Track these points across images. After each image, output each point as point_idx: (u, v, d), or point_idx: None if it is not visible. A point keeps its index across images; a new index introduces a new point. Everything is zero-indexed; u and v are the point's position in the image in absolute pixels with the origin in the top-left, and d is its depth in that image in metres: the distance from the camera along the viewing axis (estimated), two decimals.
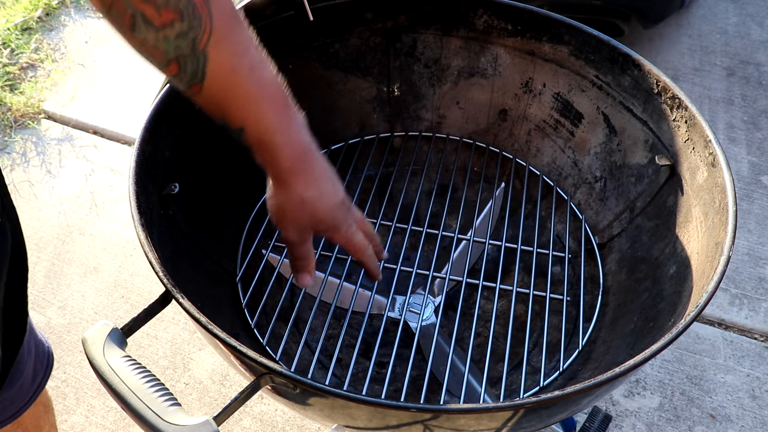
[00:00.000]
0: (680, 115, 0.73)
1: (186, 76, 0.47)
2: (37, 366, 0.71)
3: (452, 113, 0.96)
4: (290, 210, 0.57)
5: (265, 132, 0.51)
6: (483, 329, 0.87)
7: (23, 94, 1.74)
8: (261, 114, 0.50)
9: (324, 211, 0.58)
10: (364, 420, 0.53)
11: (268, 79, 0.50)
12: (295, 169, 0.55)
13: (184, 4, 0.43)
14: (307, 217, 0.57)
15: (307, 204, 0.56)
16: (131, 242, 1.42)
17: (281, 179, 0.55)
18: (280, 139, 0.52)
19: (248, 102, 0.49)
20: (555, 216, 0.89)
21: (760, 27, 2.04)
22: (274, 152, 0.53)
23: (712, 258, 0.61)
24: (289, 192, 0.56)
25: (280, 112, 0.52)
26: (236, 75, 0.48)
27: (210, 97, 0.48)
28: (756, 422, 1.14)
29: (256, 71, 0.49)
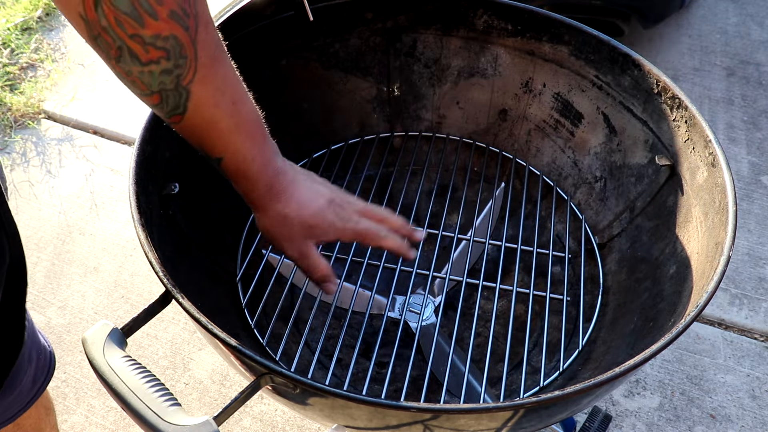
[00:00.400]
0: (680, 115, 0.73)
1: (167, 108, 0.48)
2: (37, 373, 0.71)
3: (452, 113, 0.96)
4: (277, 229, 0.58)
5: (243, 161, 0.53)
6: (483, 329, 0.87)
7: (23, 94, 1.74)
8: (239, 145, 0.52)
9: (311, 217, 0.58)
10: (364, 420, 0.53)
11: (248, 112, 0.52)
12: (271, 192, 0.56)
13: (171, 43, 0.43)
14: (296, 230, 0.58)
15: (289, 219, 0.57)
16: (131, 242, 1.42)
17: (260, 204, 0.57)
18: (256, 167, 0.54)
19: (229, 134, 0.51)
20: (555, 216, 0.89)
21: (760, 27, 2.04)
22: (251, 180, 0.54)
23: (712, 258, 0.61)
24: (270, 213, 0.57)
25: (258, 141, 0.53)
26: (218, 109, 0.49)
27: (190, 128, 0.50)
28: (756, 422, 1.14)
29: (237, 105, 0.50)
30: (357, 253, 0.82)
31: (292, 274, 0.79)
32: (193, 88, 0.46)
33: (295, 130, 0.91)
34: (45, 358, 0.73)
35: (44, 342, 0.74)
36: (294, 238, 0.59)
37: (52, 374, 0.75)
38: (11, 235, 0.56)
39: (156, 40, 0.42)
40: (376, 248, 0.65)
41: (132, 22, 0.41)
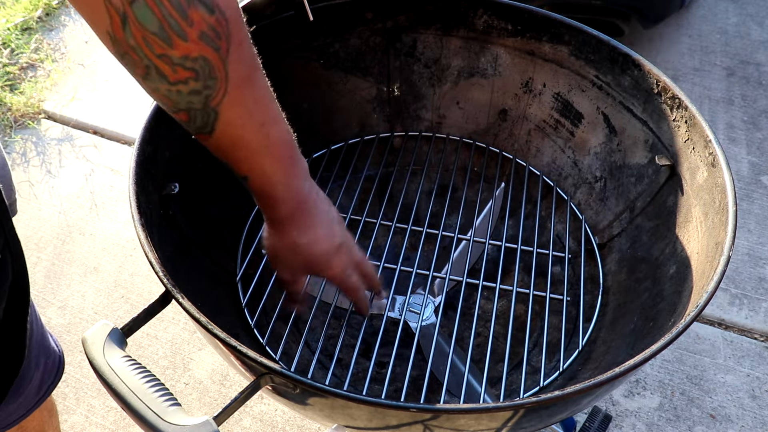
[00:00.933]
0: (680, 115, 0.73)
1: (194, 126, 0.47)
2: (44, 377, 0.71)
3: (452, 113, 0.96)
4: (284, 254, 0.60)
5: (268, 184, 0.53)
6: (483, 329, 0.87)
7: (23, 94, 1.74)
8: (266, 167, 0.52)
9: (318, 255, 0.60)
10: (364, 420, 0.53)
11: (277, 134, 0.51)
12: (291, 217, 0.57)
13: (200, 64, 0.42)
14: (300, 260, 0.60)
15: (300, 249, 0.59)
16: (131, 242, 1.42)
17: (277, 225, 0.58)
18: (281, 190, 0.54)
19: (255, 155, 0.50)
20: (555, 216, 0.89)
21: (760, 27, 2.04)
22: (274, 202, 0.55)
23: (712, 258, 0.61)
24: (284, 237, 0.58)
25: (285, 165, 0.53)
26: (246, 131, 0.48)
27: (217, 147, 0.49)
28: (756, 422, 1.14)
29: (266, 127, 0.50)
30: None
31: None
32: (221, 109, 0.46)
33: (295, 130, 0.91)
34: (53, 362, 0.72)
35: (54, 345, 0.74)
36: (295, 266, 0.61)
37: (60, 378, 0.74)
38: (15, 253, 0.56)
39: (185, 61, 0.42)
40: None
41: (160, 42, 0.40)
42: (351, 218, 0.86)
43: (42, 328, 0.71)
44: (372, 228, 0.86)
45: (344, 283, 0.64)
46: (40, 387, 0.71)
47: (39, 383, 0.70)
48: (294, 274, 0.63)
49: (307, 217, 0.58)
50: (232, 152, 0.50)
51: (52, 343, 0.73)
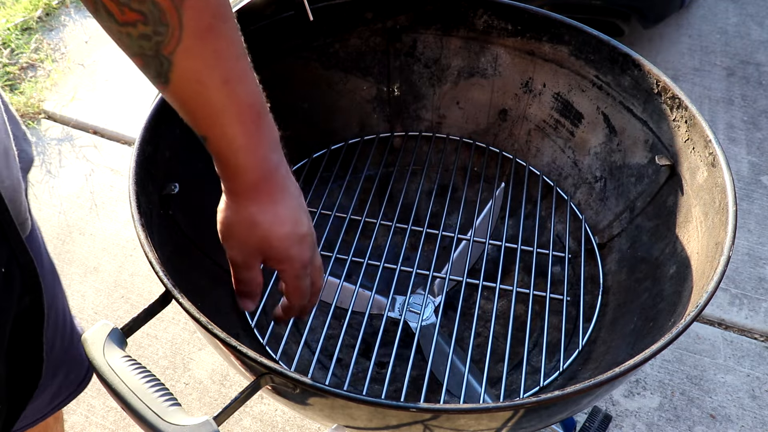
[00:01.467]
0: (680, 115, 0.73)
1: (150, 74, 0.44)
2: (61, 389, 0.68)
3: (452, 113, 0.96)
4: (237, 230, 0.52)
5: (228, 147, 0.48)
6: (483, 329, 0.87)
7: (23, 94, 1.74)
8: (226, 129, 0.46)
9: (276, 238, 0.52)
10: (364, 420, 0.53)
11: (243, 93, 0.46)
12: (252, 190, 0.50)
13: (149, 7, 0.39)
14: (255, 241, 0.52)
15: (257, 228, 0.52)
16: (131, 242, 1.42)
17: (235, 197, 0.51)
18: (245, 157, 0.48)
19: (215, 114, 0.46)
20: (555, 216, 0.89)
21: (760, 27, 2.04)
22: (234, 170, 0.49)
23: (712, 258, 0.61)
24: (241, 211, 0.51)
25: (250, 129, 0.47)
26: (203, 86, 0.44)
27: (174, 101, 0.46)
28: (756, 422, 1.14)
29: (230, 85, 0.45)
30: (357, 253, 0.82)
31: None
32: (175, 59, 0.42)
33: (295, 130, 0.91)
34: (77, 375, 0.69)
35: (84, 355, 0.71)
36: (248, 246, 0.53)
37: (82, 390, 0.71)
38: (25, 267, 0.52)
39: (130, 1, 0.39)
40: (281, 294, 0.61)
41: None
42: (351, 218, 0.86)
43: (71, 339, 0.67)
44: (372, 228, 0.86)
45: (294, 283, 0.56)
46: (53, 398, 0.68)
47: (53, 394, 0.67)
48: (246, 257, 0.54)
49: (271, 192, 0.51)
50: (189, 108, 0.46)
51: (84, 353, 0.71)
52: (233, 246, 0.54)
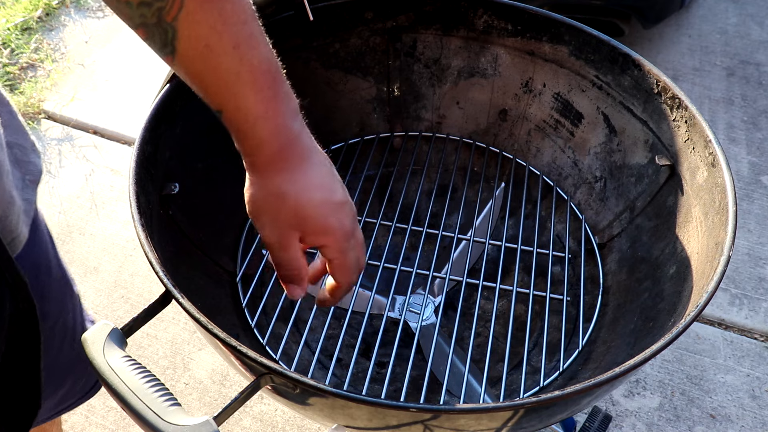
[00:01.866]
0: (680, 115, 0.73)
1: (156, 46, 0.42)
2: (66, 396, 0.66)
3: (452, 113, 0.96)
4: (267, 205, 0.49)
5: (245, 119, 0.45)
6: (483, 329, 0.87)
7: (23, 94, 1.74)
8: (242, 98, 0.44)
9: (311, 206, 0.48)
10: (364, 420, 0.53)
11: (256, 58, 0.43)
12: (276, 160, 0.47)
13: None
14: (288, 213, 0.48)
15: (288, 199, 0.48)
16: (131, 242, 1.42)
17: (259, 171, 0.48)
18: (263, 126, 0.45)
19: (228, 83, 0.43)
20: (555, 216, 0.89)
21: (760, 27, 2.04)
22: (254, 142, 0.46)
23: (712, 258, 0.61)
24: (267, 184, 0.48)
25: (267, 96, 0.45)
26: (212, 52, 0.41)
27: (184, 73, 0.43)
28: (756, 422, 1.14)
29: (241, 49, 0.42)
30: None
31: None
32: (179, 25, 0.40)
33: None
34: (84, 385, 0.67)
35: None
36: (280, 221, 0.49)
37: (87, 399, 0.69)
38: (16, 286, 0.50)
39: None
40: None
41: None
42: None
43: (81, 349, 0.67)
44: (372, 228, 0.86)
45: (340, 258, 0.51)
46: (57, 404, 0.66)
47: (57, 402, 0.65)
48: (281, 234, 0.49)
49: (296, 161, 0.47)
50: (200, 79, 0.43)
51: None
52: (265, 224, 0.49)
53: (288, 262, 0.51)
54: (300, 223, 0.49)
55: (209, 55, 0.42)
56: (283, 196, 0.48)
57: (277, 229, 0.49)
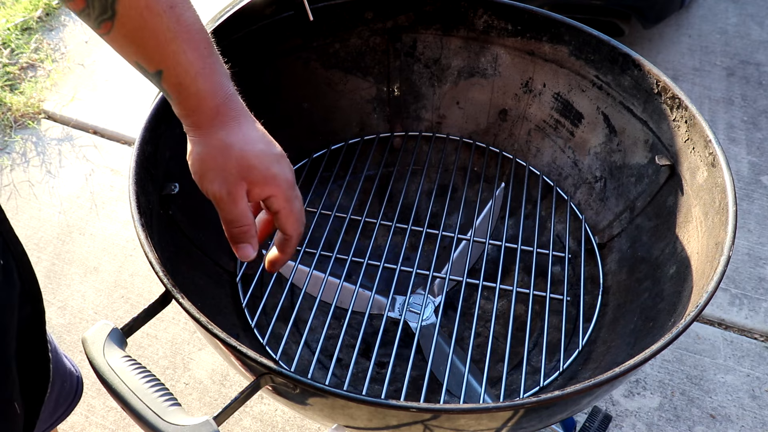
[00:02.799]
0: (680, 115, 0.73)
1: (94, 12, 0.43)
2: (59, 401, 0.67)
3: (452, 113, 0.96)
4: (213, 160, 0.49)
5: (186, 74, 0.46)
6: (483, 329, 0.87)
7: (23, 94, 1.74)
8: (181, 54, 0.45)
9: (255, 156, 0.49)
10: (364, 420, 0.53)
11: (190, 19, 0.45)
12: (216, 115, 0.49)
13: None
14: (233, 164, 0.49)
15: (232, 149, 0.49)
16: (131, 242, 1.42)
17: (201, 128, 0.49)
18: (203, 81, 0.47)
19: (167, 41, 0.45)
20: (555, 216, 0.89)
21: (760, 27, 2.04)
22: (195, 100, 0.47)
23: (712, 258, 0.61)
24: (211, 139, 0.49)
25: (204, 53, 0.47)
26: (152, 12, 0.43)
27: (123, 37, 0.44)
28: (756, 422, 1.14)
29: (176, 10, 0.44)
30: (357, 253, 0.82)
31: (292, 274, 0.79)
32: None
33: (295, 130, 0.91)
34: (71, 385, 0.68)
35: (70, 366, 0.69)
36: (227, 172, 0.49)
37: (78, 401, 0.70)
38: (18, 258, 0.52)
39: None
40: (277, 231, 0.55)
41: None
42: (351, 218, 0.86)
43: (56, 349, 0.67)
44: (372, 228, 0.86)
45: (287, 207, 0.52)
46: (53, 411, 0.67)
47: (53, 408, 0.66)
48: (230, 186, 0.49)
49: (235, 116, 0.49)
50: (140, 41, 0.44)
51: (68, 364, 0.69)
52: (212, 178, 0.50)
53: (238, 216, 0.51)
54: (246, 173, 0.49)
55: (148, 15, 0.43)
56: (227, 147, 0.49)
57: (225, 182, 0.49)
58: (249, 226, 0.52)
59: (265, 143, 0.50)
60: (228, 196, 0.50)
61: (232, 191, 0.50)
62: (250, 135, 0.50)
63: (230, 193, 0.50)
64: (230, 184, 0.49)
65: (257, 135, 0.50)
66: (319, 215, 0.86)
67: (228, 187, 0.49)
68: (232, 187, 0.49)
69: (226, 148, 0.49)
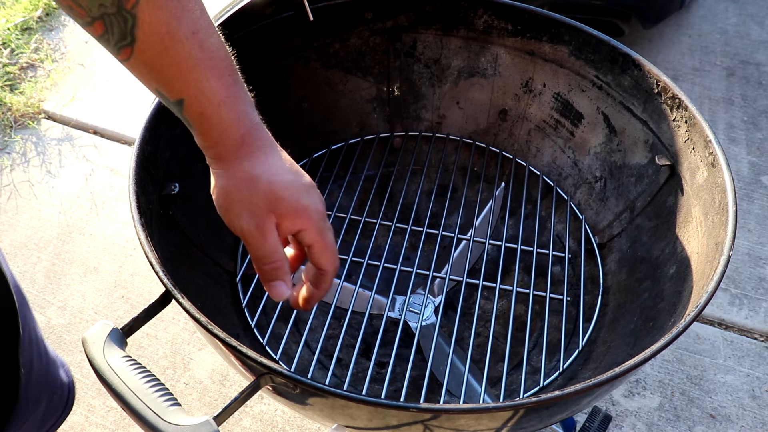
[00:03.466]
0: (680, 115, 0.73)
1: (114, 39, 0.41)
2: (47, 413, 0.65)
3: (452, 113, 0.96)
4: (239, 193, 0.47)
5: (209, 104, 0.44)
6: (483, 329, 0.87)
7: (23, 94, 1.74)
8: (204, 83, 0.43)
9: (284, 188, 0.46)
10: (364, 420, 0.53)
11: (214, 45, 0.44)
12: (241, 146, 0.46)
13: None
14: (260, 196, 0.46)
15: (259, 181, 0.46)
16: (131, 242, 1.42)
17: (226, 160, 0.47)
18: (227, 111, 0.45)
19: (189, 69, 0.43)
20: (555, 216, 0.89)
21: (760, 27, 2.04)
22: (220, 128, 0.45)
23: (712, 258, 0.61)
24: (236, 171, 0.46)
25: (228, 82, 0.45)
26: (173, 39, 0.41)
27: (143, 64, 0.43)
28: (756, 422, 1.14)
29: (199, 36, 0.42)
30: (357, 253, 0.82)
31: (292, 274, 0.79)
32: (139, 12, 0.40)
33: (295, 130, 0.91)
34: (61, 396, 0.66)
35: (63, 376, 0.67)
36: (254, 205, 0.46)
37: (69, 411, 0.68)
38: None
39: None
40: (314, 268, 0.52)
41: None
42: (351, 218, 0.86)
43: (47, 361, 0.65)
44: (372, 228, 0.86)
45: (320, 239, 0.48)
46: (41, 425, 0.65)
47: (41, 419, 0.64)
48: (258, 220, 0.46)
49: (260, 146, 0.47)
50: (160, 68, 0.42)
51: (62, 375, 0.67)
52: (239, 212, 0.47)
53: (269, 252, 0.48)
54: (275, 205, 0.46)
55: (170, 41, 0.41)
56: (254, 179, 0.46)
57: (253, 216, 0.47)
58: (281, 262, 0.48)
59: (293, 173, 0.48)
60: (257, 230, 0.47)
61: (261, 225, 0.47)
62: (278, 165, 0.47)
63: (259, 227, 0.47)
64: (258, 218, 0.46)
65: (285, 165, 0.48)
66: None
67: (256, 221, 0.46)
68: (261, 220, 0.46)
69: (252, 180, 0.46)
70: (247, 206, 0.46)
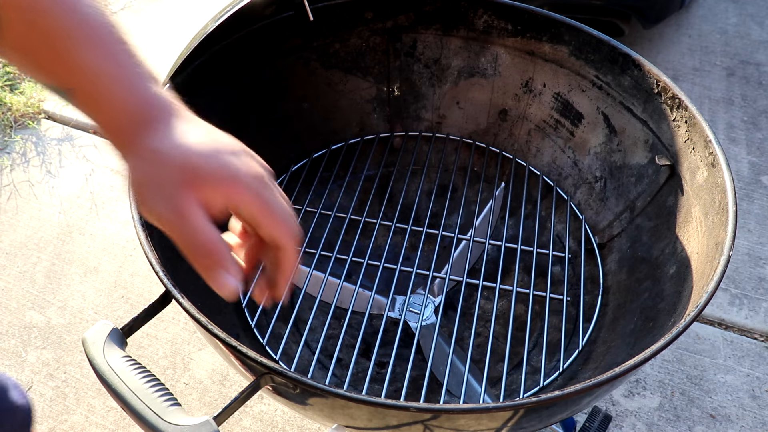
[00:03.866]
0: (680, 115, 0.73)
1: None
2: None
3: (452, 113, 0.96)
4: (146, 176, 0.37)
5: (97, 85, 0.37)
6: (483, 329, 0.87)
7: (23, 94, 1.74)
8: (90, 62, 0.36)
9: (197, 153, 0.37)
10: (364, 420, 0.53)
11: (94, 15, 0.36)
12: (140, 119, 0.38)
13: None
14: (173, 170, 0.37)
15: (165, 155, 0.37)
16: (131, 242, 1.42)
17: (127, 143, 0.38)
18: (120, 88, 0.37)
19: (66, 49, 0.36)
20: (555, 216, 0.89)
21: (760, 27, 2.04)
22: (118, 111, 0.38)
23: (712, 258, 0.61)
24: (138, 150, 0.38)
25: (115, 52, 0.37)
26: (36, 11, 0.34)
27: (14, 49, 0.36)
28: (756, 422, 1.14)
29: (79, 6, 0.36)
30: (357, 253, 0.82)
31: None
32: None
33: (295, 130, 0.91)
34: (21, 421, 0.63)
35: (19, 400, 0.63)
36: (167, 185, 0.37)
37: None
38: None
39: None
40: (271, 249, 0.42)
41: None
42: (351, 218, 0.86)
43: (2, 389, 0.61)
44: (372, 228, 0.86)
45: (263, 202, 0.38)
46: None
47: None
48: (174, 200, 0.37)
49: (161, 117, 0.38)
50: (32, 53, 0.36)
51: (16, 397, 0.63)
52: (152, 200, 0.37)
53: (197, 237, 0.38)
54: (192, 178, 0.37)
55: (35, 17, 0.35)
56: (161, 154, 0.37)
57: (168, 198, 0.37)
58: (213, 244, 0.38)
59: (209, 136, 0.38)
60: (174, 213, 0.37)
61: (179, 206, 0.37)
62: (189, 132, 0.38)
63: (176, 209, 0.37)
64: (175, 198, 0.37)
65: (199, 130, 0.38)
66: (319, 215, 0.86)
67: (173, 203, 0.37)
68: (178, 200, 0.37)
69: (159, 156, 0.37)
70: (159, 189, 0.37)
